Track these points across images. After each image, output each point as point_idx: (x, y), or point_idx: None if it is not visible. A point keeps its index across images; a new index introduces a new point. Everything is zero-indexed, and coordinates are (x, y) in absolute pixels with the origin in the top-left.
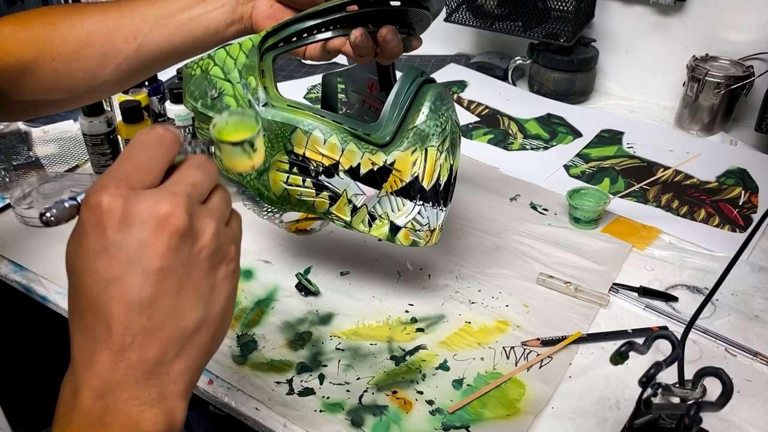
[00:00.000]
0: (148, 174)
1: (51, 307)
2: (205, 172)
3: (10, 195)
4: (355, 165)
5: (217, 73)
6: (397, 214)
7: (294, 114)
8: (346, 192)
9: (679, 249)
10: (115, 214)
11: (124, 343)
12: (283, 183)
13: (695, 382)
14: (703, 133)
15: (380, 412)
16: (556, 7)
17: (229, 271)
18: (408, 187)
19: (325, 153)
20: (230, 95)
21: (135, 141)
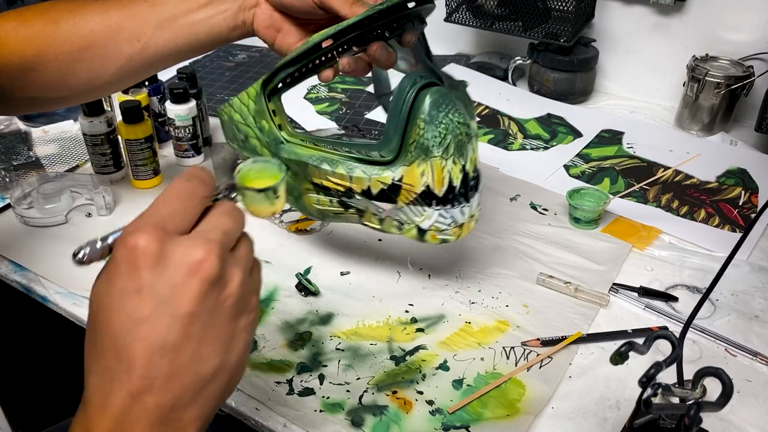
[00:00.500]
0: (183, 221)
1: (51, 307)
2: (234, 220)
3: (10, 195)
4: (366, 188)
5: (238, 119)
6: (420, 219)
7: (303, 151)
8: (367, 208)
9: (679, 249)
10: (150, 255)
11: (143, 386)
12: (315, 205)
13: (695, 382)
14: (703, 133)
15: (380, 412)
16: (556, 7)
17: (249, 321)
18: (422, 196)
19: (337, 181)
20: (253, 137)
21: (173, 188)
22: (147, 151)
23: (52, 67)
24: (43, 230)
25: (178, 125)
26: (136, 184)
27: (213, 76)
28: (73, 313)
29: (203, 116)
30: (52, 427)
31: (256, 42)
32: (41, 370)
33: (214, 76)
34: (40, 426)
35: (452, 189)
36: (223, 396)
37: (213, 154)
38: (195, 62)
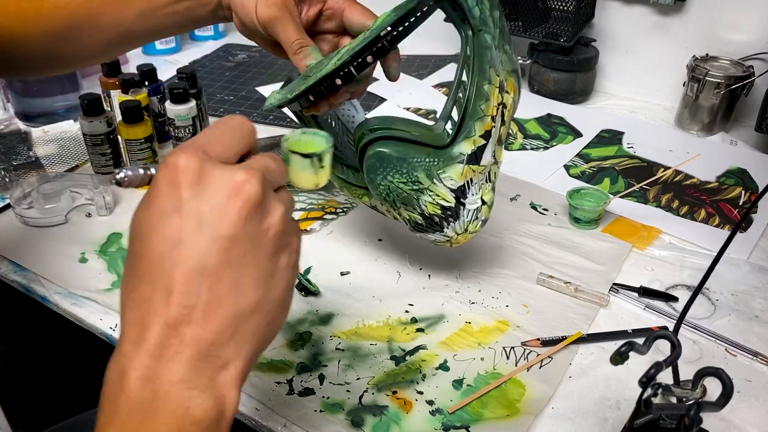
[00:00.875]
0: (226, 150)
1: (51, 307)
2: (278, 164)
3: (10, 195)
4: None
5: None
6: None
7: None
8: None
9: (679, 249)
10: (191, 173)
11: (181, 315)
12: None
13: (695, 382)
14: (703, 133)
15: (380, 412)
16: (556, 7)
17: (291, 261)
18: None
19: None
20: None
21: (217, 121)
22: (147, 151)
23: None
24: (43, 230)
25: (178, 125)
26: None
27: (213, 76)
28: (73, 313)
29: (203, 116)
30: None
31: None
32: (41, 370)
33: (214, 76)
34: (40, 426)
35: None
36: (265, 338)
37: None
38: (195, 62)
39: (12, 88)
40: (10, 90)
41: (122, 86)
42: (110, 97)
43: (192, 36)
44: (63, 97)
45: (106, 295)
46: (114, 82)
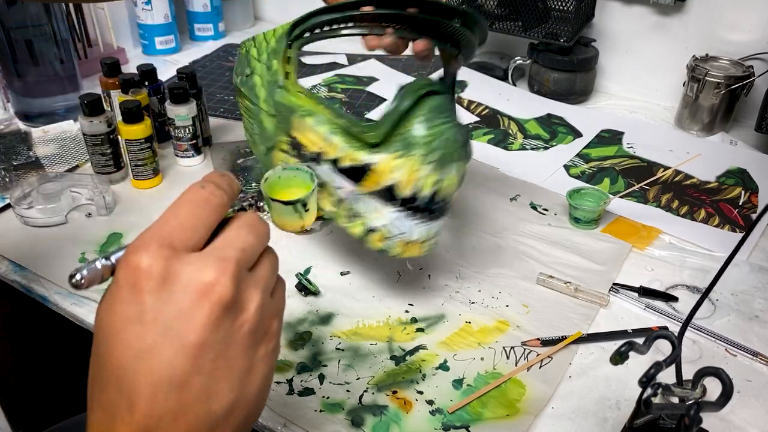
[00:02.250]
0: (194, 234)
1: (51, 307)
2: (256, 234)
3: (10, 195)
4: (336, 157)
5: (253, 54)
6: (373, 216)
7: (298, 100)
8: (328, 183)
9: (679, 249)
10: (154, 277)
11: (147, 425)
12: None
13: (695, 382)
14: (703, 133)
15: (380, 412)
16: (556, 7)
17: (269, 349)
18: (385, 191)
19: (312, 139)
20: (258, 74)
21: (184, 196)
22: (147, 151)
23: None
24: (43, 230)
25: (178, 125)
26: (136, 184)
27: (213, 76)
28: (73, 313)
29: (203, 116)
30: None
31: None
32: (41, 370)
33: (214, 76)
34: (40, 426)
35: (416, 198)
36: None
37: (213, 154)
38: (195, 62)
39: (12, 88)
40: (10, 90)
41: (122, 86)
42: (110, 97)
43: (192, 36)
44: (63, 97)
45: None
46: (114, 82)
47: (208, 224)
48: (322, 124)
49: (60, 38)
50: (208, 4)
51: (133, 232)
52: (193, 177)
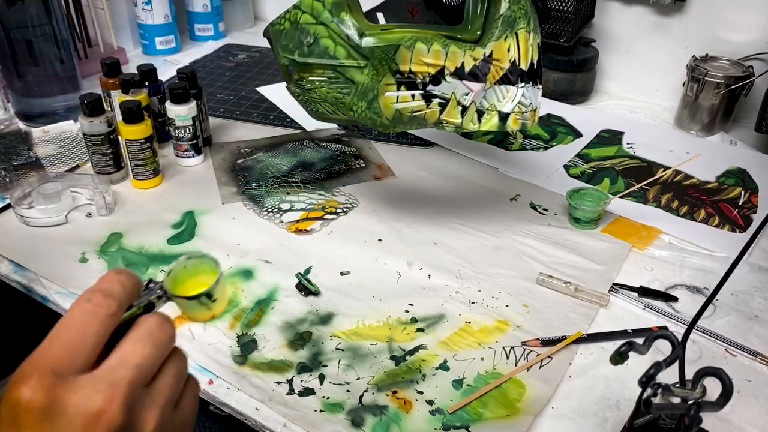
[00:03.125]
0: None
1: (51, 307)
2: (155, 344)
3: (10, 195)
4: (459, 65)
5: (308, 20)
6: (504, 101)
7: (392, 35)
8: (454, 95)
9: (679, 249)
10: (35, 410)
11: None
12: (393, 105)
13: (695, 382)
14: (703, 133)
15: (380, 412)
16: (556, 7)
17: None
18: (508, 73)
19: (430, 61)
20: (325, 36)
21: (67, 314)
22: (147, 151)
23: None
24: (43, 230)
25: (178, 125)
26: (136, 184)
27: (213, 76)
28: None
29: (203, 116)
30: None
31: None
32: None
33: (214, 76)
34: None
35: (533, 65)
36: None
37: (213, 154)
38: (195, 62)
39: (12, 88)
40: (10, 90)
41: (122, 86)
42: (110, 97)
43: (192, 36)
44: (63, 97)
45: None
46: (114, 82)
47: (97, 340)
48: (433, 43)
49: (60, 38)
50: (208, 4)
51: (133, 232)
52: (193, 177)
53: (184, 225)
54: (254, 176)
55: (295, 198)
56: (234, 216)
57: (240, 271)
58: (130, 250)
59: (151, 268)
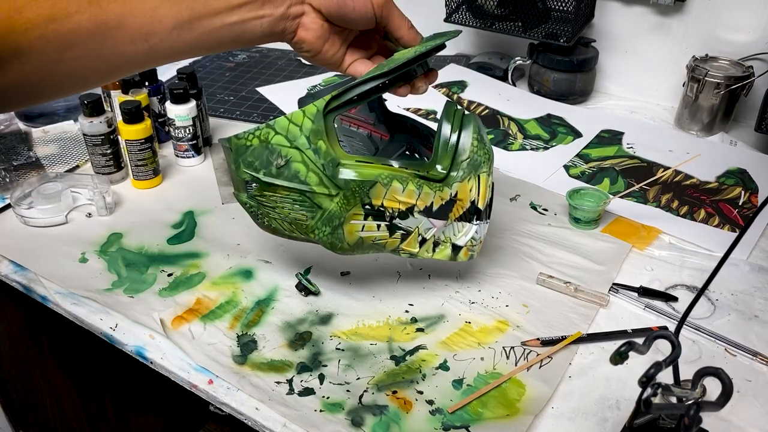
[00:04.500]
0: None
1: (51, 307)
2: None
3: (10, 195)
4: (429, 204)
5: (281, 142)
6: (458, 235)
7: (369, 170)
8: (418, 228)
9: (679, 249)
10: None
11: None
12: (358, 233)
13: (695, 382)
14: (703, 133)
15: (380, 412)
16: (556, 7)
17: None
18: (467, 211)
19: (403, 200)
20: (298, 161)
21: None
22: (147, 151)
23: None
24: (43, 230)
25: (178, 125)
26: (136, 184)
27: (213, 76)
28: (73, 312)
29: (203, 116)
30: None
31: None
32: (41, 369)
33: (214, 76)
34: (40, 426)
35: (488, 204)
36: None
37: (213, 154)
38: (195, 62)
39: None
40: None
41: (122, 86)
42: (110, 98)
43: None
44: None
45: (106, 295)
46: (114, 82)
47: None
48: (408, 183)
49: None
50: None
51: (133, 232)
52: (193, 177)
53: (184, 225)
54: None
55: None
56: (234, 216)
57: (240, 271)
58: (130, 250)
59: (151, 268)
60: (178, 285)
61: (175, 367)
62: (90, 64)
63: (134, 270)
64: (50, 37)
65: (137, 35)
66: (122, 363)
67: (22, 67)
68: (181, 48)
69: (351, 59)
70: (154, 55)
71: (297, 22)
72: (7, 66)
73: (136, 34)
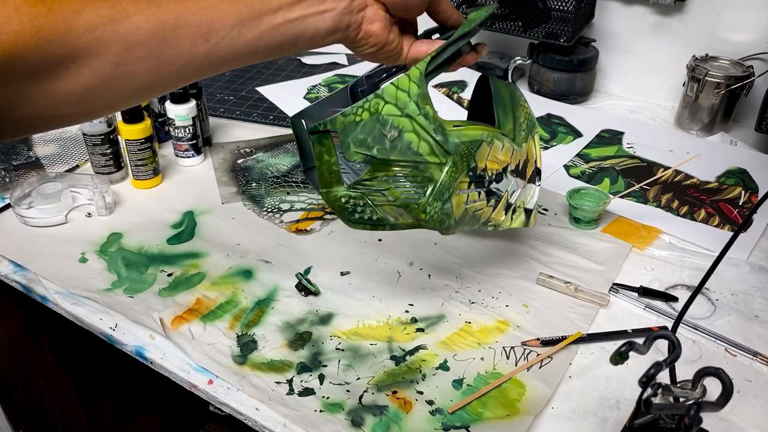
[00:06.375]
0: None
1: (51, 307)
2: None
3: (10, 195)
4: (517, 163)
5: (391, 111)
6: (528, 198)
7: (473, 131)
8: (507, 192)
9: (679, 249)
10: None
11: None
12: (464, 204)
13: (695, 382)
14: (703, 133)
15: (380, 412)
16: (556, 7)
17: None
18: (534, 172)
19: (502, 158)
20: (409, 131)
21: None
22: (147, 151)
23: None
24: (43, 230)
25: (178, 125)
26: (136, 184)
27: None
28: (73, 312)
29: (203, 116)
30: None
31: None
32: (41, 369)
33: (214, 76)
34: (40, 426)
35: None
36: None
37: (213, 154)
38: None
39: None
40: None
41: None
42: None
43: None
44: None
45: (106, 295)
46: None
47: None
48: (504, 141)
49: None
50: None
51: (133, 232)
52: (192, 177)
53: (184, 225)
54: (254, 176)
55: (295, 198)
56: (234, 216)
57: (240, 271)
58: (130, 250)
59: (151, 268)
60: (178, 285)
61: (175, 367)
62: (150, 67)
63: (134, 270)
64: (109, 38)
65: (197, 34)
66: (122, 363)
67: (81, 71)
68: (241, 49)
69: (407, 45)
70: (215, 57)
71: (361, 15)
72: (66, 71)
73: (195, 34)
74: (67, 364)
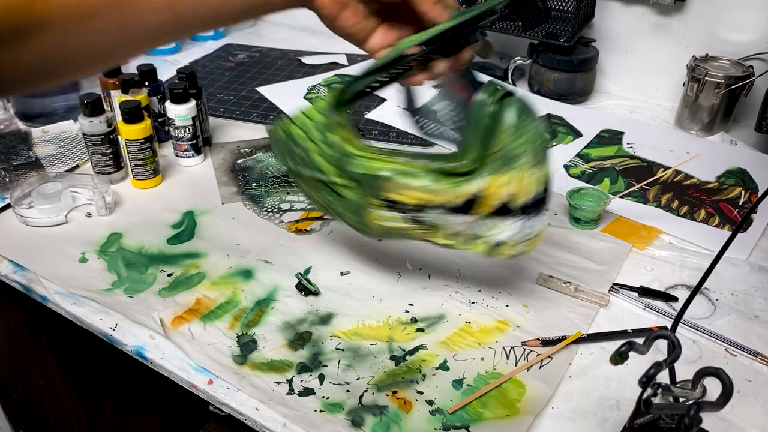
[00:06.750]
0: None
1: (51, 307)
2: None
3: (10, 195)
4: (442, 201)
5: (300, 134)
6: (494, 232)
7: (377, 164)
8: (440, 223)
9: (679, 249)
10: None
11: None
12: (380, 222)
13: (695, 382)
14: (703, 133)
15: (380, 412)
16: (556, 7)
17: None
18: (502, 208)
19: (413, 195)
20: (317, 153)
21: None
22: (147, 151)
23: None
24: (43, 230)
25: (178, 125)
26: (136, 184)
27: (213, 76)
28: (73, 312)
29: (203, 116)
30: None
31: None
32: (41, 369)
33: (214, 76)
34: (40, 426)
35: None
36: None
37: (213, 154)
38: (195, 62)
39: None
40: None
41: (122, 86)
42: (110, 97)
43: (192, 36)
44: (63, 97)
45: (106, 295)
46: (114, 82)
47: None
48: (421, 179)
49: None
50: None
51: (133, 232)
52: (192, 177)
53: (184, 225)
54: (254, 176)
55: (295, 198)
56: (234, 216)
57: (240, 271)
58: (130, 250)
59: (151, 268)
60: (178, 285)
61: (175, 367)
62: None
63: (134, 270)
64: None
65: (161, 3)
66: (122, 363)
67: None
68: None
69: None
70: (179, 25)
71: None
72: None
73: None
74: (67, 364)
